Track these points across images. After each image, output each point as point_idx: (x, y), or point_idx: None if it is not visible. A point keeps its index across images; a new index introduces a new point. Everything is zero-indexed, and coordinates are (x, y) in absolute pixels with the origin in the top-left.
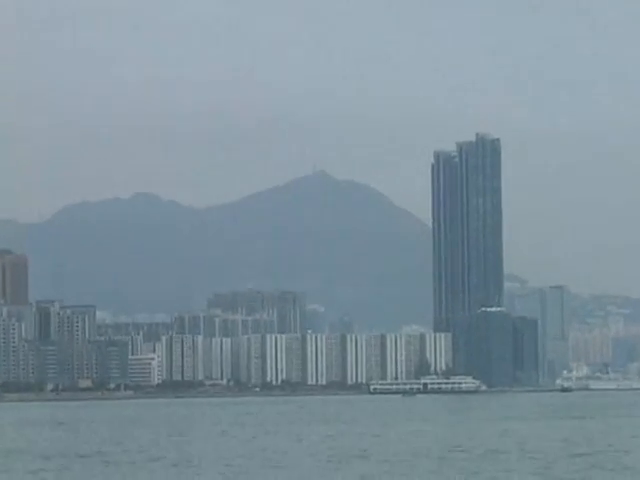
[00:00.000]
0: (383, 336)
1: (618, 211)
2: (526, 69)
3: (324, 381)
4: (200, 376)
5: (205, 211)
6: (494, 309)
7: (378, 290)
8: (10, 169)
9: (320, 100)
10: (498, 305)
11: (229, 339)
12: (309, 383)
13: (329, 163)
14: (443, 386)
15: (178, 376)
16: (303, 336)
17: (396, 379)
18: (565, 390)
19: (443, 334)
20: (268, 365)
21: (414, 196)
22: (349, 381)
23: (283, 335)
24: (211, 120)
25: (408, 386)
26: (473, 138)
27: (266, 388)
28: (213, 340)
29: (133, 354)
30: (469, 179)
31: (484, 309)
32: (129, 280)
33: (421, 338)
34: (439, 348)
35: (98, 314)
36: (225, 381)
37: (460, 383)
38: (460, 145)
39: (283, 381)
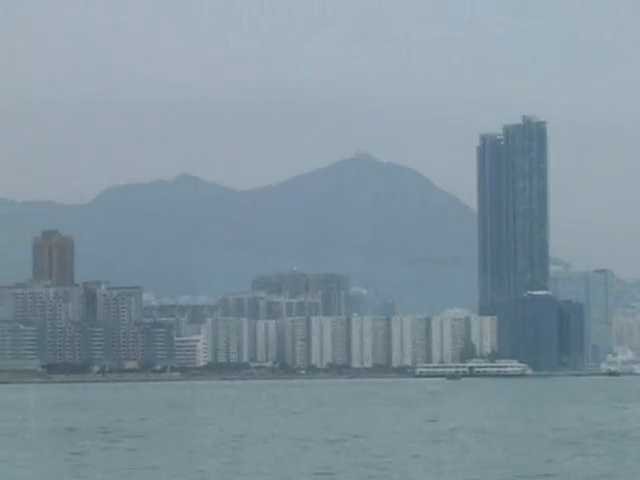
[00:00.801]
0: (428, 319)
1: None
2: (575, 53)
3: (369, 364)
4: (245, 358)
5: (248, 193)
6: (540, 292)
7: (420, 273)
8: (51, 151)
9: (364, 83)
10: (544, 288)
11: (274, 321)
12: (354, 366)
13: (372, 146)
14: (489, 369)
15: (223, 358)
16: (348, 319)
17: (441, 362)
18: (612, 374)
19: (489, 317)
20: (313, 348)
21: (458, 179)
22: (394, 364)
23: (328, 318)
24: (255, 102)
25: (454, 369)
26: (519, 121)
27: (311, 371)
28: (258, 322)
29: (178, 336)
30: (515, 162)
31: (530, 292)
32: (171, 262)
33: (466, 321)
34: (484, 331)
35: (143, 296)
36: (270, 364)
37: (506, 367)
38: (506, 128)
39: (328, 364)
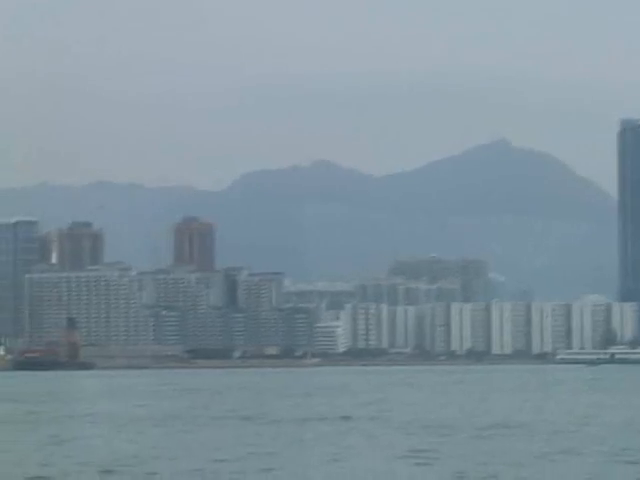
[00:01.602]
0: (568, 305)
1: None
2: None
3: (509, 350)
4: (384, 344)
5: (384, 179)
6: None
7: (557, 259)
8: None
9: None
10: None
11: (413, 307)
12: (494, 352)
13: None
14: (631, 356)
15: (362, 344)
16: (488, 305)
17: (582, 349)
18: None
19: (629, 304)
20: (452, 334)
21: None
22: (534, 350)
23: (468, 304)
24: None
25: (595, 356)
26: None
27: (451, 357)
28: (397, 308)
29: (318, 322)
30: None
31: None
32: (308, 248)
33: (607, 308)
34: (625, 318)
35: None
36: (409, 349)
37: None
38: None
39: (468, 350)
